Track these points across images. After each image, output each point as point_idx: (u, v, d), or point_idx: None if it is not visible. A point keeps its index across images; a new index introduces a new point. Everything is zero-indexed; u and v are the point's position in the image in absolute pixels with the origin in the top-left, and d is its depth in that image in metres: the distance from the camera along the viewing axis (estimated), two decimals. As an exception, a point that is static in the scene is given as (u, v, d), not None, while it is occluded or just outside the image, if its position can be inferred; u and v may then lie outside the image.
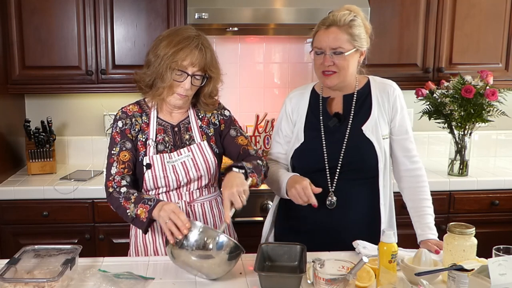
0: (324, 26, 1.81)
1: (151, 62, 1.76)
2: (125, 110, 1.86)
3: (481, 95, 2.75)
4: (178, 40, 1.72)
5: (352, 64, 1.83)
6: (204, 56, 1.74)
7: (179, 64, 1.72)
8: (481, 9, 2.95)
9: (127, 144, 1.81)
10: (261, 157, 1.88)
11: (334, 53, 1.79)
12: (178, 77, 1.74)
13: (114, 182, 1.77)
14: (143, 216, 1.66)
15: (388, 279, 1.45)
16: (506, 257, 1.32)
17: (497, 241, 1.61)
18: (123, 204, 1.71)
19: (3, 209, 2.66)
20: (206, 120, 1.89)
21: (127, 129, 1.82)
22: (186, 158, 1.82)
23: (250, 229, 2.36)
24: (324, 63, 1.81)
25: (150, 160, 1.79)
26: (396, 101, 1.89)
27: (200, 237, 1.52)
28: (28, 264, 1.57)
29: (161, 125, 1.85)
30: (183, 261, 1.55)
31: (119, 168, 1.79)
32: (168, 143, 1.83)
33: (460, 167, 2.91)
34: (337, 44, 1.79)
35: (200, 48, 1.73)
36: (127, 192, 1.73)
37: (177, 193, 1.84)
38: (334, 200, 1.86)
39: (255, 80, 3.27)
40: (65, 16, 2.79)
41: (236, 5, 2.68)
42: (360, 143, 1.85)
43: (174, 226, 1.54)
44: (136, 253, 1.88)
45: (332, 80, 1.83)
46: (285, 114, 1.99)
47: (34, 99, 3.15)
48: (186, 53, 1.71)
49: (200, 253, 1.52)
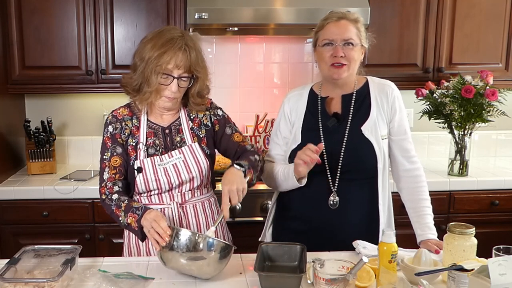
0: (334, 18, 1.84)
1: (137, 66, 1.74)
2: (115, 114, 1.85)
3: (481, 95, 2.75)
4: (162, 43, 1.70)
5: (358, 59, 1.85)
6: (189, 57, 1.71)
7: (163, 68, 1.70)
8: (481, 9, 2.95)
9: (118, 149, 1.81)
10: (258, 152, 1.88)
11: (345, 44, 1.81)
12: (164, 81, 1.72)
13: (106, 189, 1.78)
14: (134, 225, 1.69)
15: (388, 279, 1.45)
16: (506, 257, 1.32)
17: (497, 241, 1.61)
18: (115, 211, 1.74)
19: (3, 209, 2.66)
20: (198, 121, 1.88)
21: (117, 133, 1.82)
22: (178, 160, 1.81)
23: (250, 229, 2.36)
24: (337, 54, 1.81)
25: (141, 164, 1.79)
26: (395, 101, 1.89)
27: (187, 241, 1.53)
28: (28, 264, 1.57)
29: (152, 128, 1.84)
30: (173, 266, 1.57)
31: (111, 173, 1.79)
32: (159, 146, 1.83)
33: (460, 167, 2.91)
34: (349, 36, 1.81)
35: (184, 49, 1.70)
36: (118, 199, 1.75)
37: (169, 195, 1.83)
38: (337, 200, 1.86)
39: (255, 80, 3.27)
40: (65, 16, 2.79)
41: (236, 5, 2.68)
42: (359, 143, 1.85)
43: (157, 234, 1.56)
44: (130, 254, 1.89)
45: (341, 72, 1.83)
46: (283, 115, 1.99)
47: (34, 99, 3.15)
48: (170, 56, 1.69)
49: (190, 255, 1.53)
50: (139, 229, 1.67)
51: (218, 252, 1.54)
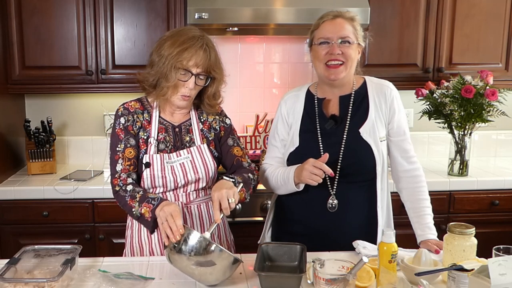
0: (330, 17, 1.83)
1: (155, 62, 1.76)
2: (127, 107, 1.85)
3: (481, 95, 2.75)
4: (183, 40, 1.73)
5: (355, 58, 1.84)
6: (209, 57, 1.75)
7: (184, 64, 1.72)
8: (481, 9, 2.95)
9: (131, 141, 1.81)
10: (253, 171, 1.88)
11: (342, 42, 1.80)
12: (183, 77, 1.74)
13: (120, 180, 1.77)
14: (147, 215, 1.67)
15: (388, 279, 1.45)
16: (506, 257, 1.32)
17: (497, 241, 1.61)
18: (129, 202, 1.72)
19: (3, 209, 2.65)
20: (208, 124, 1.89)
21: (129, 125, 1.82)
22: (185, 160, 1.81)
23: (250, 229, 2.36)
24: (333, 51, 1.79)
25: (149, 159, 1.79)
26: (393, 102, 1.87)
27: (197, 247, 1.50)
28: (28, 264, 1.57)
29: (163, 124, 1.85)
30: (180, 267, 1.55)
31: (125, 165, 1.78)
32: (169, 143, 1.83)
33: (460, 167, 2.90)
34: (345, 33, 1.80)
35: (204, 48, 1.74)
36: (133, 190, 1.74)
37: (174, 194, 1.83)
38: (336, 203, 1.85)
39: (255, 80, 3.27)
40: (65, 16, 2.79)
41: (236, 5, 2.68)
42: (358, 146, 1.84)
43: (169, 229, 1.54)
44: (132, 254, 1.88)
45: (338, 72, 1.81)
46: (280, 117, 1.97)
47: (34, 99, 3.15)
48: (191, 53, 1.72)
49: (197, 259, 1.49)
50: (152, 220, 1.65)
51: (225, 263, 1.51)
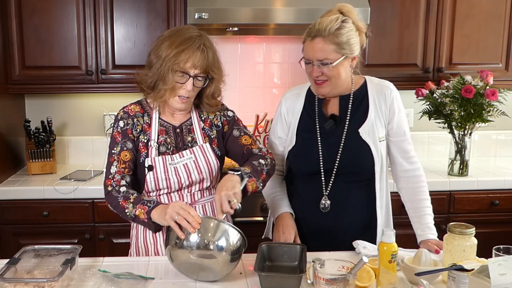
0: (309, 38, 1.77)
1: (152, 63, 1.75)
2: (127, 110, 1.84)
3: (481, 95, 2.75)
4: (180, 41, 1.71)
5: (344, 71, 1.79)
6: (206, 57, 1.73)
7: (181, 66, 1.70)
8: (481, 9, 2.95)
9: (128, 144, 1.80)
10: (265, 155, 1.84)
11: (321, 64, 1.76)
12: (180, 79, 1.73)
13: (113, 181, 1.76)
14: (142, 216, 1.65)
15: (388, 279, 1.45)
16: (506, 257, 1.32)
17: (497, 241, 1.61)
18: (121, 203, 1.70)
19: (3, 209, 2.66)
20: (209, 122, 1.88)
21: (128, 129, 1.81)
22: (188, 160, 1.81)
23: (250, 229, 2.35)
24: (312, 74, 1.79)
25: (152, 162, 1.78)
26: (393, 103, 1.86)
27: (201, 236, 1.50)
28: (28, 264, 1.56)
29: (163, 126, 1.84)
30: (182, 262, 1.53)
31: (120, 167, 1.77)
32: (170, 145, 1.82)
33: (460, 167, 2.90)
34: (323, 56, 1.75)
35: (202, 49, 1.72)
36: (126, 191, 1.72)
37: (178, 194, 1.83)
38: (328, 203, 1.85)
39: (255, 80, 3.27)
40: (65, 16, 2.79)
41: (236, 5, 2.68)
42: (357, 146, 1.83)
43: (185, 221, 1.51)
44: (137, 254, 1.87)
45: (324, 88, 1.81)
46: (280, 115, 1.97)
47: (34, 99, 3.15)
48: (188, 55, 1.70)
49: (201, 252, 1.49)
50: (148, 220, 1.64)
51: (229, 254, 1.51)
